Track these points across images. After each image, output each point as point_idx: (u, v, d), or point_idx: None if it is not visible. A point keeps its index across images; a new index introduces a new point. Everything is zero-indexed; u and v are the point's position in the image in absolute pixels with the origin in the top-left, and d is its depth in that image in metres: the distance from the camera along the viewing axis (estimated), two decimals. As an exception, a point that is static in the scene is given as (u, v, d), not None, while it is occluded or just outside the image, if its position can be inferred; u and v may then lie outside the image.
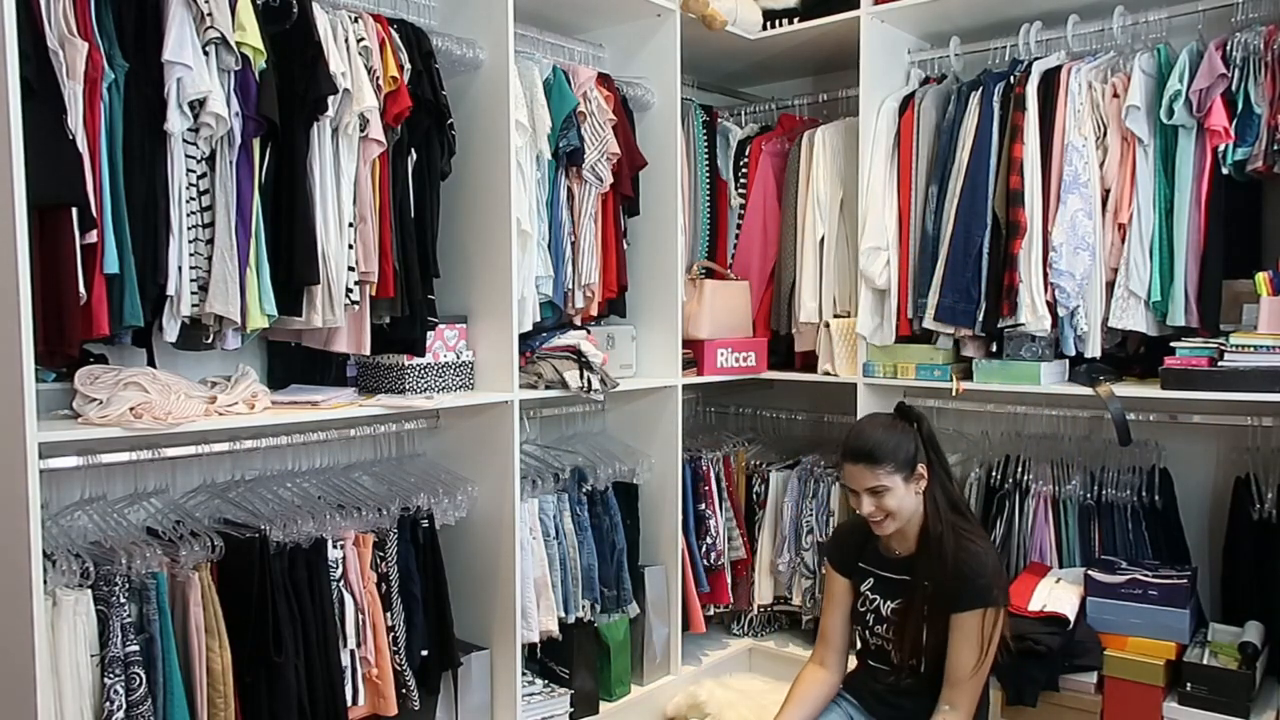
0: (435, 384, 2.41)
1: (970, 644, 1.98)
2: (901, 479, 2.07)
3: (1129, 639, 2.46)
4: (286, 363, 2.44)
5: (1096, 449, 2.83)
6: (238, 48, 1.95)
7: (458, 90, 2.50)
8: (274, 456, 2.39)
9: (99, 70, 1.79)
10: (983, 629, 1.98)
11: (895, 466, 2.06)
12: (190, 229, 1.95)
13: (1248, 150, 2.43)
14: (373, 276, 2.24)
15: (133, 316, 1.86)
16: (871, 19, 2.92)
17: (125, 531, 2.05)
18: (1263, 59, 2.41)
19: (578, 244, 2.74)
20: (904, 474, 2.07)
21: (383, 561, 2.31)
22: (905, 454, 2.07)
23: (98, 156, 1.80)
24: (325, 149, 2.14)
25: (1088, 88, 2.64)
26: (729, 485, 3.24)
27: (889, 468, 2.06)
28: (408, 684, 2.32)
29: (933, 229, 2.83)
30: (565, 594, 2.70)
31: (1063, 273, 2.59)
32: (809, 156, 3.17)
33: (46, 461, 1.74)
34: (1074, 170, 2.61)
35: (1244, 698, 2.31)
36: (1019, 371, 2.69)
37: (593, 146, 2.70)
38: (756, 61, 3.42)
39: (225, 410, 2.01)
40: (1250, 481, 2.58)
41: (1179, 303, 2.53)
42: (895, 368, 2.90)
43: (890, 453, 2.06)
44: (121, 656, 1.82)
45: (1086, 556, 2.74)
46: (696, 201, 3.28)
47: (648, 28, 2.94)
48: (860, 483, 2.08)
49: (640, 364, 3.02)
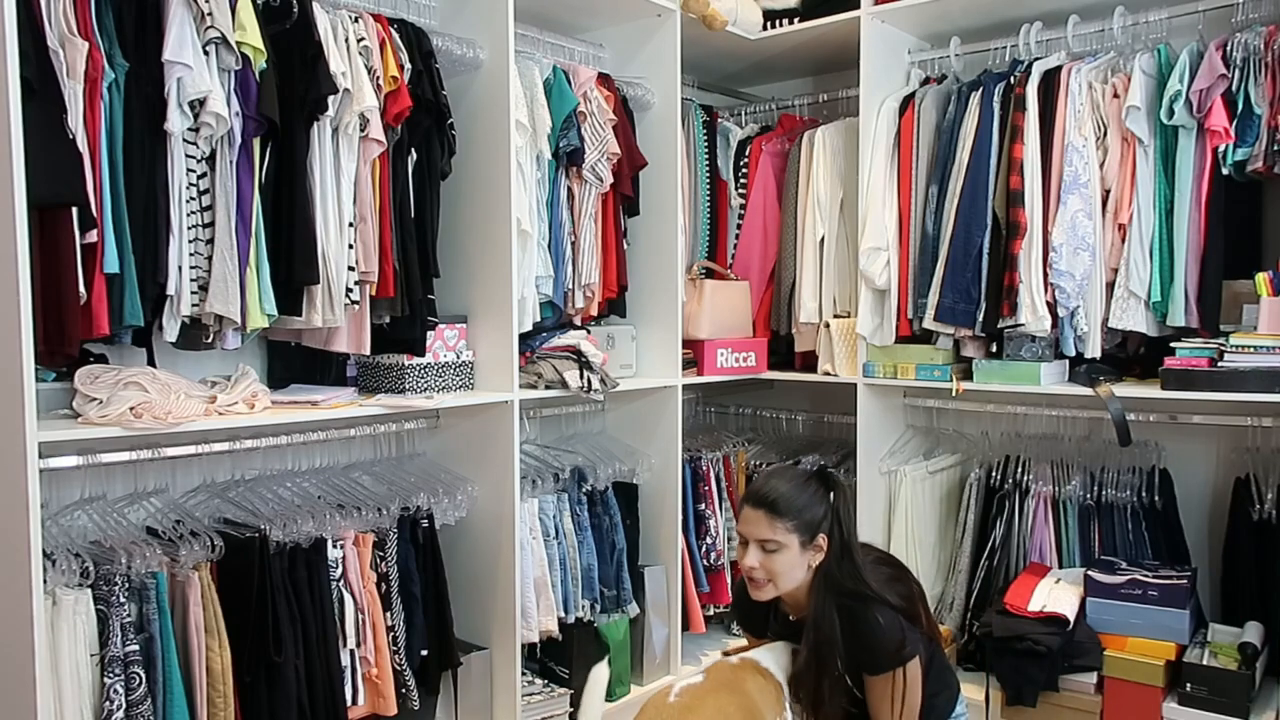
0: (435, 384, 2.41)
1: (885, 704, 1.88)
2: (798, 541, 1.90)
3: (1129, 639, 2.46)
4: (286, 362, 2.44)
5: (1096, 449, 2.83)
6: (238, 47, 1.95)
7: (458, 90, 2.50)
8: (274, 456, 2.39)
9: (99, 70, 1.79)
10: (893, 689, 1.87)
11: (795, 527, 1.90)
12: (190, 229, 1.96)
13: (1248, 151, 2.43)
14: (373, 276, 2.24)
15: (133, 316, 1.86)
16: (872, 19, 2.92)
17: (125, 531, 2.05)
18: (1263, 59, 2.41)
19: (578, 244, 2.74)
20: (801, 537, 1.90)
21: (383, 561, 2.31)
22: (810, 517, 1.91)
23: (98, 156, 1.80)
24: (325, 149, 2.14)
25: (1088, 88, 2.64)
26: (729, 485, 3.24)
27: (789, 525, 1.90)
28: (407, 684, 2.32)
29: (933, 229, 2.83)
30: (565, 594, 2.70)
31: (1063, 273, 2.59)
32: (809, 156, 3.16)
33: (46, 461, 1.75)
34: (1074, 170, 2.61)
35: (1244, 698, 2.31)
36: (1019, 372, 2.69)
37: (593, 146, 2.70)
38: (757, 61, 3.42)
39: (225, 410, 2.01)
40: (1250, 482, 2.58)
41: (1179, 303, 2.53)
42: (895, 368, 2.90)
43: (795, 511, 1.90)
44: (121, 656, 1.82)
45: (1086, 557, 2.74)
46: (696, 201, 3.28)
47: (648, 28, 2.94)
48: (754, 532, 1.92)
49: (640, 364, 3.02)
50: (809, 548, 1.92)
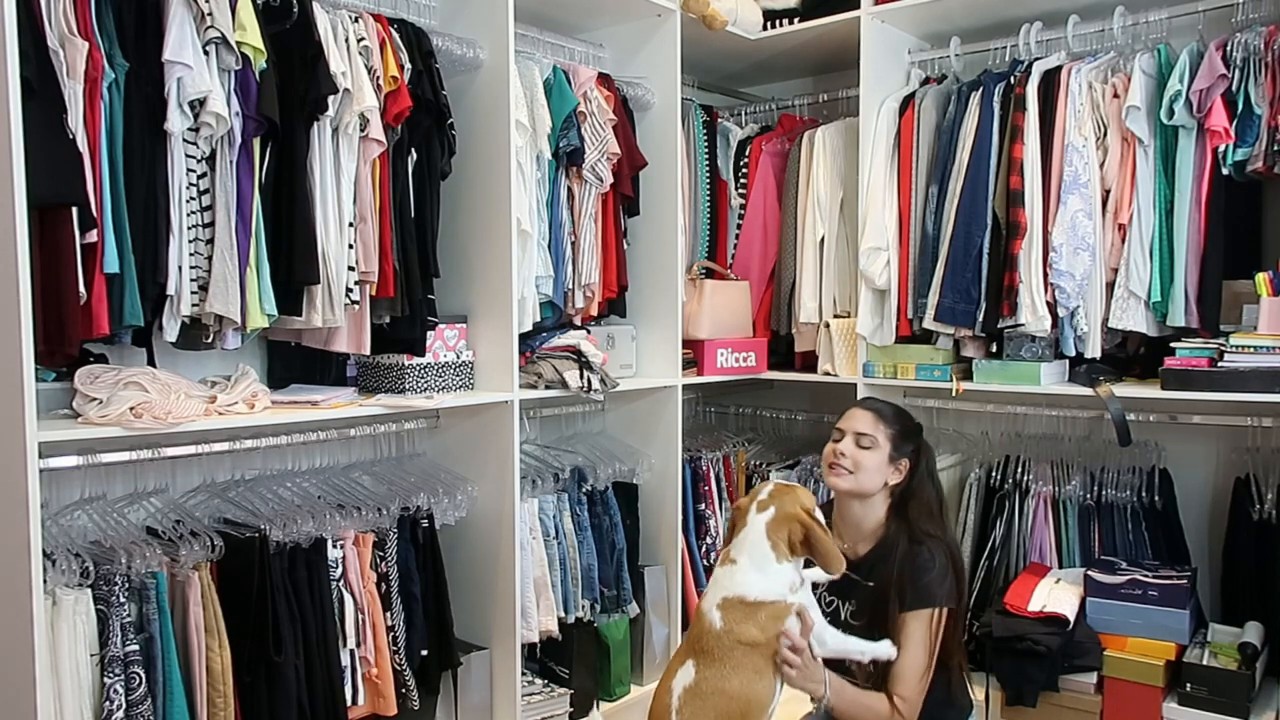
0: (435, 384, 2.41)
1: (914, 644, 1.89)
2: (889, 448, 2.02)
3: (1129, 639, 2.46)
4: (286, 362, 2.44)
5: (1096, 449, 2.83)
6: (238, 47, 1.95)
7: (458, 90, 2.50)
8: (274, 456, 2.39)
9: (99, 70, 1.79)
10: (930, 630, 1.89)
11: (891, 437, 2.02)
12: (190, 229, 1.95)
13: (1248, 151, 2.43)
14: (373, 276, 2.24)
15: (133, 316, 1.86)
16: (872, 19, 2.92)
17: (125, 531, 2.05)
18: (1263, 59, 2.41)
19: (578, 244, 2.74)
20: (892, 448, 2.02)
21: (382, 561, 2.31)
22: (904, 434, 2.04)
23: (98, 156, 1.80)
24: (325, 149, 2.14)
25: (1088, 88, 2.64)
26: (729, 485, 3.24)
27: (887, 431, 2.02)
28: (407, 684, 2.32)
29: (933, 229, 2.83)
30: (565, 594, 2.70)
31: (1063, 273, 2.59)
32: (809, 156, 3.16)
33: (46, 461, 1.75)
34: (1074, 170, 2.61)
35: (1243, 698, 2.31)
36: (1019, 372, 2.69)
37: (593, 146, 2.70)
38: (756, 61, 3.42)
39: (225, 410, 2.01)
40: (1250, 482, 2.58)
41: (1179, 303, 2.53)
42: (895, 368, 2.90)
43: (896, 422, 2.04)
44: (121, 656, 1.82)
45: (1086, 557, 2.74)
46: (696, 201, 3.28)
47: (648, 28, 2.94)
48: (854, 425, 2.04)
49: (640, 364, 3.02)
50: (894, 463, 2.02)
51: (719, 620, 1.74)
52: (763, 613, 1.74)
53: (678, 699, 1.75)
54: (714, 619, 1.75)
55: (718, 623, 1.74)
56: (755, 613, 1.74)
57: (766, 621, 1.74)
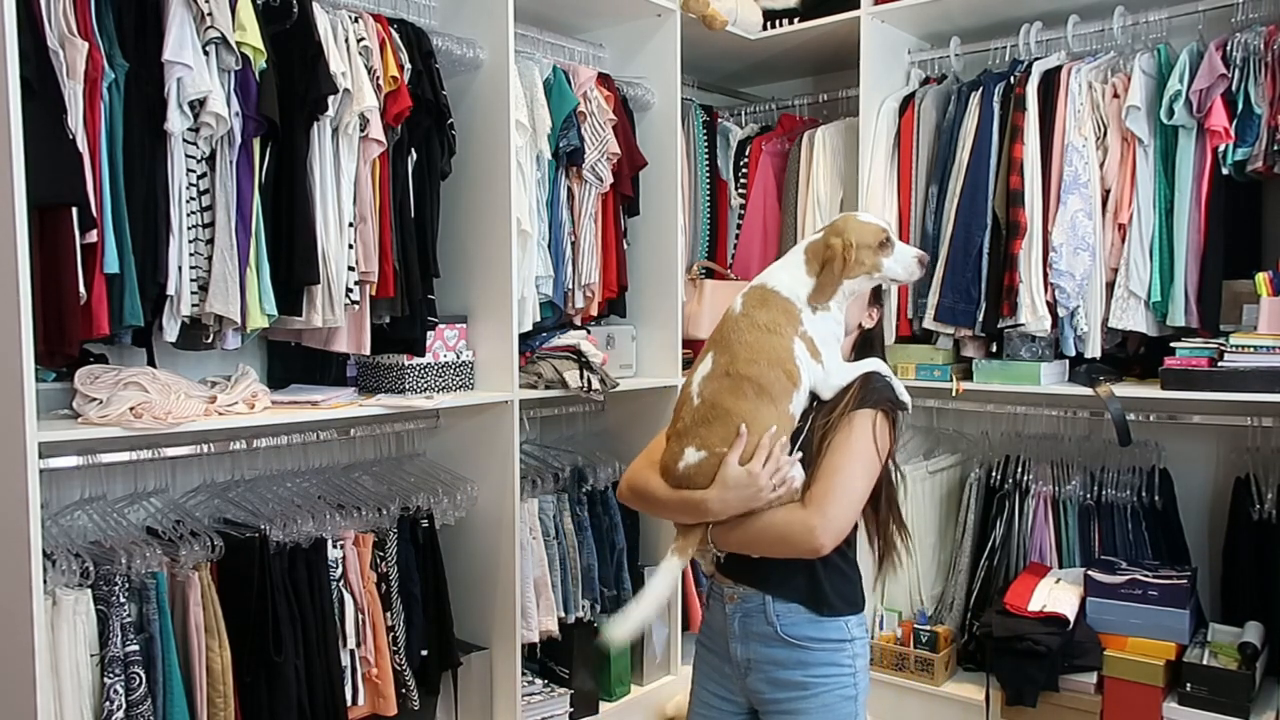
0: (435, 384, 2.41)
1: (847, 442, 1.68)
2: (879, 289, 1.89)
3: (1129, 639, 2.47)
4: (286, 362, 2.44)
5: (1096, 449, 2.83)
6: (238, 47, 1.95)
7: (458, 90, 2.50)
8: (274, 456, 2.39)
9: (99, 70, 1.79)
10: (872, 435, 1.69)
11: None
12: (190, 229, 1.95)
13: (1248, 150, 2.43)
14: (373, 276, 2.24)
15: (133, 316, 1.86)
16: (871, 19, 2.92)
17: (125, 531, 2.05)
18: (1263, 59, 2.41)
19: (578, 244, 2.74)
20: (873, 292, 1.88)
21: (383, 561, 2.31)
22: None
23: (98, 156, 1.80)
24: (325, 149, 2.14)
25: (1088, 88, 2.64)
26: (729, 485, 3.23)
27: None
28: (407, 684, 2.32)
29: (933, 229, 2.83)
30: (565, 594, 2.70)
31: (1063, 273, 2.59)
32: (809, 157, 3.16)
33: (46, 461, 1.75)
34: (1074, 170, 2.61)
35: (1244, 698, 2.31)
36: (1019, 371, 2.69)
37: (593, 146, 2.70)
38: (756, 61, 3.42)
39: (225, 410, 2.01)
40: (1250, 482, 2.58)
41: (1179, 303, 2.53)
42: (895, 368, 2.89)
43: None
44: (121, 656, 1.82)
45: (1086, 557, 2.74)
46: (696, 201, 3.28)
47: (648, 28, 2.94)
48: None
49: (640, 364, 3.02)
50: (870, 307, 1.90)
51: (739, 305, 1.80)
52: (777, 304, 1.78)
53: (697, 386, 1.74)
54: (735, 305, 1.81)
55: (738, 307, 1.80)
56: (771, 299, 1.79)
57: (779, 314, 1.76)
